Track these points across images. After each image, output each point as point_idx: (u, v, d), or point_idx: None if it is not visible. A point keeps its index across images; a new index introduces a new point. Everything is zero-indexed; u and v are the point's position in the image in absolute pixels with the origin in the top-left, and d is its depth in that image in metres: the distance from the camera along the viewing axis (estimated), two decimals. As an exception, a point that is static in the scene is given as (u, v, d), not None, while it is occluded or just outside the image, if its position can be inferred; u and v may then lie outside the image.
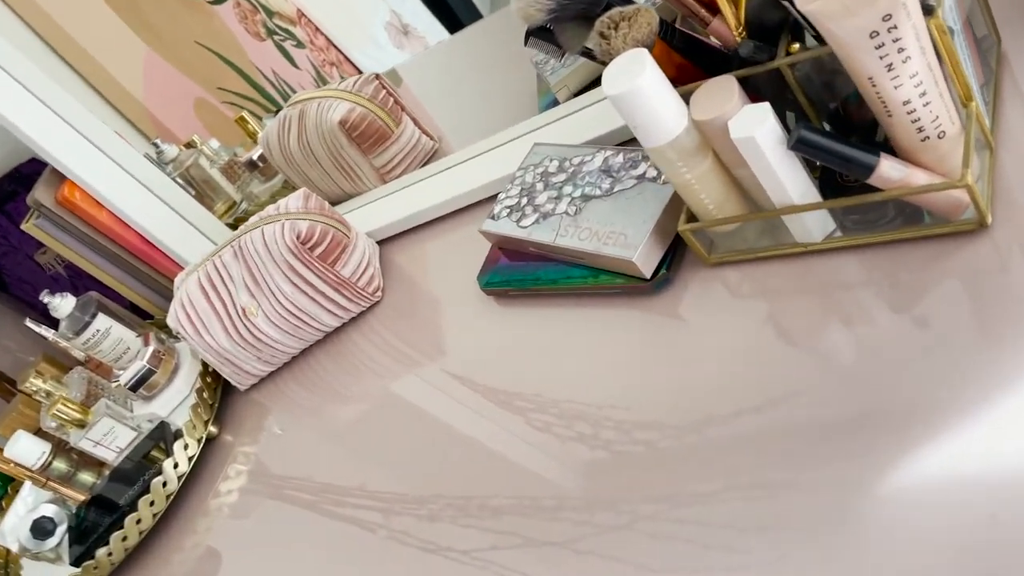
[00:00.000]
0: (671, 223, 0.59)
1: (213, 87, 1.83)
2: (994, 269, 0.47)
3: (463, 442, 0.64)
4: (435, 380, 0.72)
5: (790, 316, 0.53)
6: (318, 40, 2.05)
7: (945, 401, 0.43)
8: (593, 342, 0.62)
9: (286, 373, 0.86)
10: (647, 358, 0.58)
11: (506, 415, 0.62)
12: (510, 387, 0.64)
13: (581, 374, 0.61)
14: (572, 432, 0.57)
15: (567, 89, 0.79)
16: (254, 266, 0.79)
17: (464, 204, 0.84)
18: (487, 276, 0.71)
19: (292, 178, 1.00)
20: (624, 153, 0.65)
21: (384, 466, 0.69)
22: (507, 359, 0.67)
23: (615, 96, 0.48)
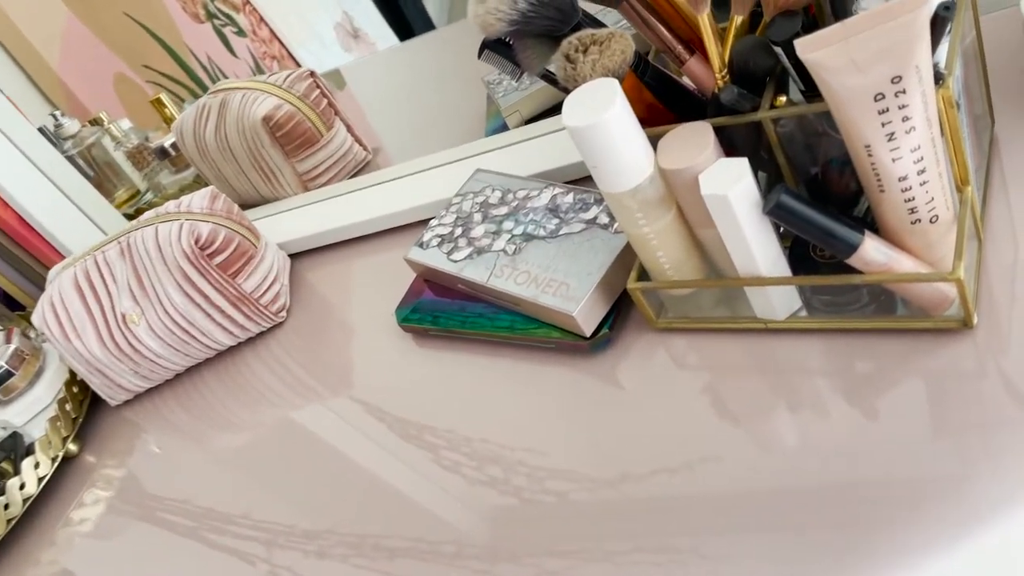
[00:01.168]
0: (619, 278, 0.53)
1: (138, 64, 1.71)
2: (970, 375, 0.42)
3: (363, 477, 0.58)
4: (337, 411, 0.65)
5: (734, 393, 0.48)
6: (261, 31, 1.94)
7: (875, 506, 0.39)
8: (517, 394, 0.55)
9: (167, 391, 0.76)
10: (573, 413, 0.52)
11: (413, 450, 0.56)
12: (420, 420, 0.58)
13: (499, 417, 0.55)
14: (482, 475, 0.51)
15: (519, 115, 0.73)
16: (142, 268, 0.69)
17: (392, 225, 0.76)
18: (406, 310, 0.63)
19: (204, 173, 0.90)
20: (575, 193, 0.58)
21: (273, 495, 0.61)
22: (420, 396, 0.60)
23: (576, 129, 0.42)
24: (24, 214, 0.82)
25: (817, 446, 0.43)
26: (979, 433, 0.39)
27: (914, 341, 0.44)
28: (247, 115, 0.80)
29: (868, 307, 0.45)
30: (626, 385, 0.53)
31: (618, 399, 0.52)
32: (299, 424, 0.67)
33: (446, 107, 0.92)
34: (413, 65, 1.14)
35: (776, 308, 0.46)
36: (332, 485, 0.58)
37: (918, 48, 0.35)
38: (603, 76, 0.43)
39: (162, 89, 1.70)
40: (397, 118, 0.98)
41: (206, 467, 0.68)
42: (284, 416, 0.67)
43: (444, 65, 1.05)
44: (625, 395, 0.52)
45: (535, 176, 0.64)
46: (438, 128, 0.89)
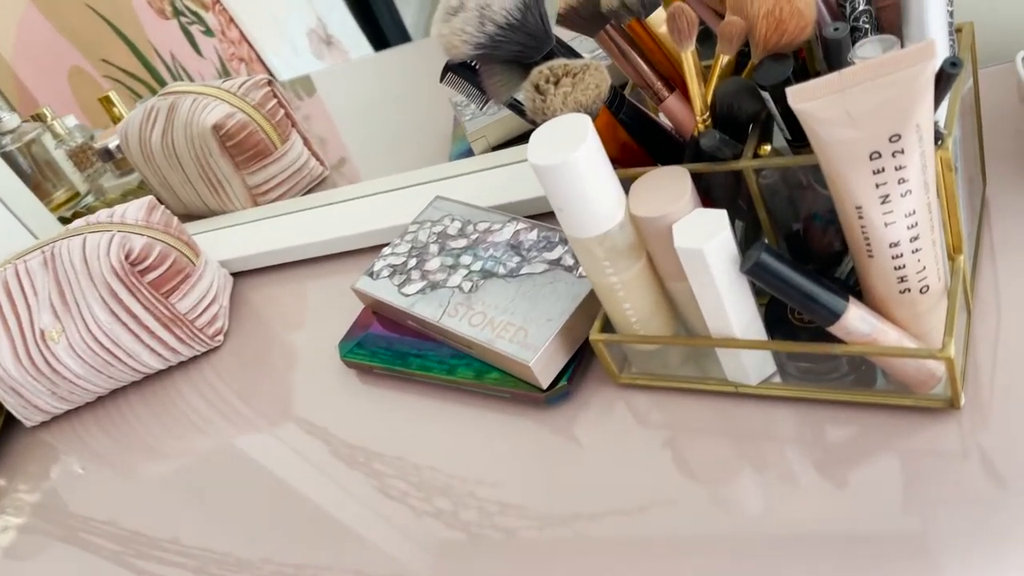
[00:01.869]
0: (581, 327, 0.49)
1: (96, 58, 1.64)
2: (951, 455, 0.39)
3: (302, 506, 0.54)
4: (274, 441, 0.60)
5: (697, 454, 0.44)
6: (231, 32, 1.88)
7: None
8: (466, 440, 0.51)
9: (87, 414, 0.70)
10: (527, 459, 0.48)
11: (356, 480, 0.53)
12: (364, 452, 0.54)
13: (445, 458, 0.51)
14: (430, 506, 0.48)
15: (485, 140, 0.69)
16: (65, 281, 0.63)
17: (344, 249, 0.71)
18: (351, 344, 0.58)
19: (148, 178, 0.85)
20: (539, 229, 0.55)
21: (205, 521, 0.57)
22: (363, 432, 0.56)
23: (542, 167, 0.38)
24: (-55, 213, 0.76)
25: (780, 512, 0.39)
26: (953, 514, 0.36)
27: (893, 416, 0.40)
28: (196, 122, 0.75)
29: (847, 377, 0.42)
30: (583, 440, 0.49)
31: (574, 453, 0.48)
32: (233, 453, 0.61)
33: (413, 125, 0.87)
34: (385, 77, 1.10)
35: (749, 372, 0.43)
36: (270, 513, 0.54)
37: (920, 105, 0.32)
38: (575, 111, 0.39)
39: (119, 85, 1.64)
40: (365, 131, 0.94)
41: (131, 490, 0.63)
42: (216, 445, 0.62)
43: (416, 80, 1.00)
44: (582, 450, 0.48)
45: (498, 208, 0.60)
46: (403, 146, 0.85)
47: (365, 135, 0.93)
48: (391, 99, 0.97)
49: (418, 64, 1.07)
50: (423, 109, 0.87)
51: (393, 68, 1.14)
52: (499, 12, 0.38)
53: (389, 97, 0.98)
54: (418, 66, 1.05)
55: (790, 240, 0.44)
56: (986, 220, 0.46)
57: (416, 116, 0.89)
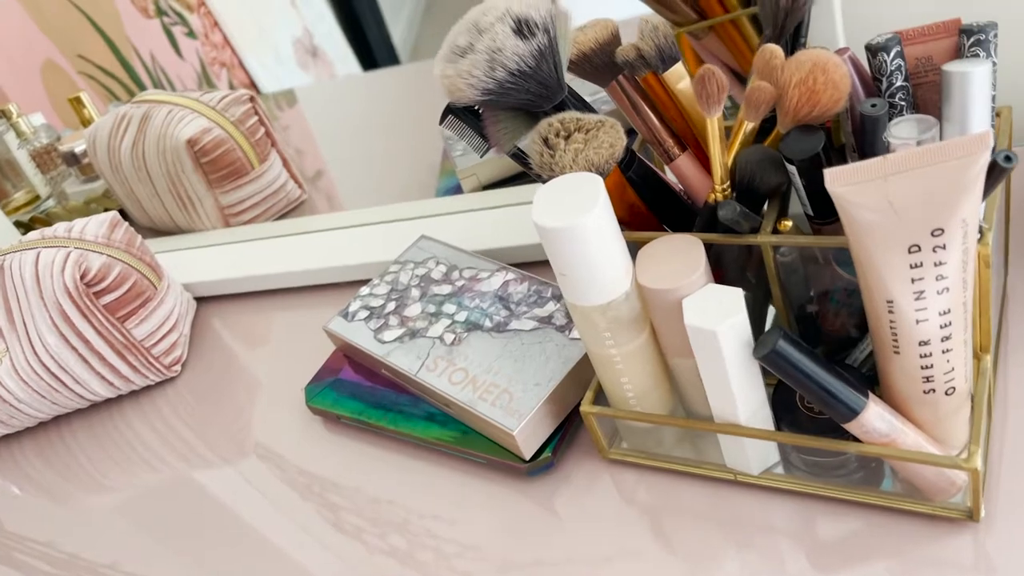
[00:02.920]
0: (571, 394, 0.45)
1: (72, 52, 1.58)
2: (961, 570, 0.36)
3: (252, 540, 0.50)
4: (225, 478, 0.56)
5: (683, 537, 0.41)
6: (214, 35, 1.84)
7: None
8: (436, 499, 0.47)
9: (27, 440, 0.65)
10: (497, 526, 0.44)
11: (312, 517, 0.50)
12: (327, 492, 0.50)
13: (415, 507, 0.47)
14: (384, 544, 0.46)
15: (475, 179, 0.65)
16: (14, 298, 0.58)
17: (319, 282, 0.67)
18: (319, 389, 0.54)
19: (113, 188, 0.80)
20: (530, 282, 0.51)
21: (147, 549, 0.53)
22: (325, 476, 0.52)
23: (547, 229, 0.34)
24: None
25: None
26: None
27: (901, 520, 0.38)
28: (170, 134, 0.71)
29: (854, 474, 0.39)
30: (562, 513, 0.45)
31: (550, 523, 0.44)
32: (181, 487, 0.57)
33: (399, 153, 0.84)
34: (373, 99, 1.06)
35: (751, 460, 0.40)
36: (217, 546, 0.51)
37: (968, 199, 0.29)
38: (585, 170, 0.36)
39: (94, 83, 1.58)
40: (348, 154, 0.90)
41: (70, 517, 0.58)
42: (163, 479, 0.58)
43: (405, 106, 0.97)
44: (559, 523, 0.44)
45: (486, 253, 0.56)
46: (387, 175, 0.81)
47: (348, 158, 0.89)
48: (378, 123, 0.94)
49: (408, 89, 1.04)
50: (411, 137, 0.84)
51: (382, 90, 1.10)
52: (511, 58, 0.35)
53: (376, 121, 0.95)
54: (408, 91, 1.02)
55: (800, 320, 0.41)
56: (1007, 314, 0.43)
57: (403, 144, 0.85)
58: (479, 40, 0.36)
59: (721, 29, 0.51)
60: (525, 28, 0.35)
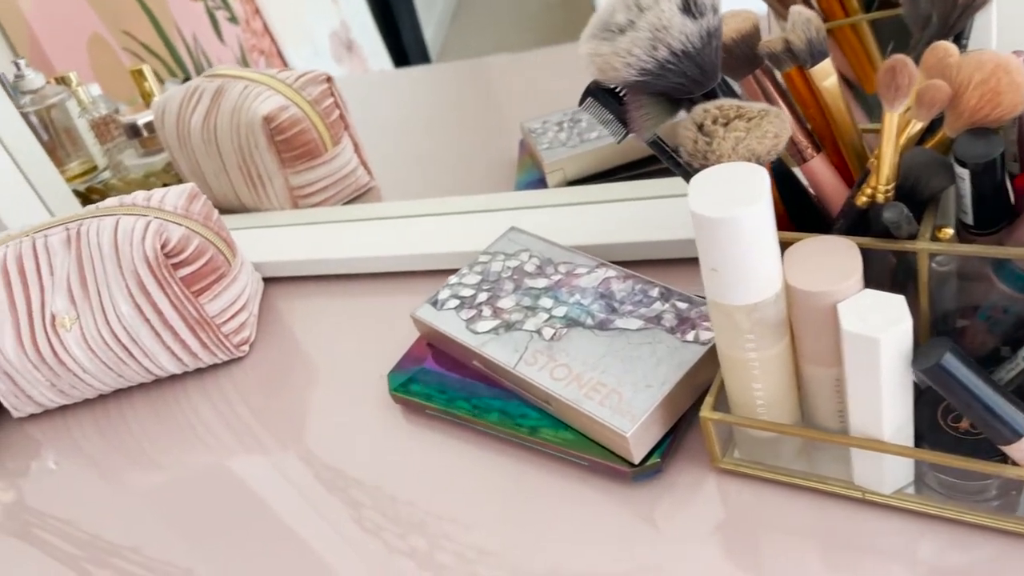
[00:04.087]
0: (683, 398, 0.43)
1: (117, 28, 1.57)
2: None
3: (282, 535, 0.49)
4: (278, 467, 0.54)
5: (794, 556, 0.39)
6: (255, 23, 1.83)
7: None
8: (522, 507, 0.45)
9: (84, 412, 0.63)
10: (591, 533, 0.42)
11: (336, 506, 0.49)
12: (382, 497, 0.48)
13: (491, 525, 0.45)
14: (404, 544, 0.45)
15: (562, 173, 0.64)
16: (89, 265, 0.57)
17: (392, 269, 0.65)
18: (402, 377, 0.53)
19: (178, 162, 0.79)
20: (633, 281, 0.49)
21: (172, 534, 0.51)
22: (394, 475, 0.50)
23: (708, 219, 0.32)
24: (-44, 170, 0.69)
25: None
26: None
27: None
28: (246, 109, 0.69)
29: (993, 500, 0.37)
30: (661, 523, 0.43)
31: (646, 534, 0.42)
32: (229, 473, 0.55)
33: (472, 146, 0.83)
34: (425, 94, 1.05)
35: (884, 478, 0.38)
36: (244, 537, 0.49)
37: None
38: (745, 159, 0.34)
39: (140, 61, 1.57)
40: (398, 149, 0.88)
41: (105, 495, 0.56)
42: (215, 462, 0.56)
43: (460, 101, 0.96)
44: (656, 533, 0.42)
45: (577, 249, 0.54)
46: (461, 168, 0.79)
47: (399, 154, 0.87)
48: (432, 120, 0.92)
49: (451, 87, 1.02)
50: (485, 131, 0.82)
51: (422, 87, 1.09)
52: (678, 37, 0.33)
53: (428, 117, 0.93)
54: (451, 89, 1.01)
55: (938, 331, 0.39)
56: None
57: (475, 138, 0.84)
58: (641, 17, 0.34)
59: (840, 33, 0.49)
60: (693, 6, 0.33)
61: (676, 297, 0.47)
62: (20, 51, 1.36)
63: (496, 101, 0.93)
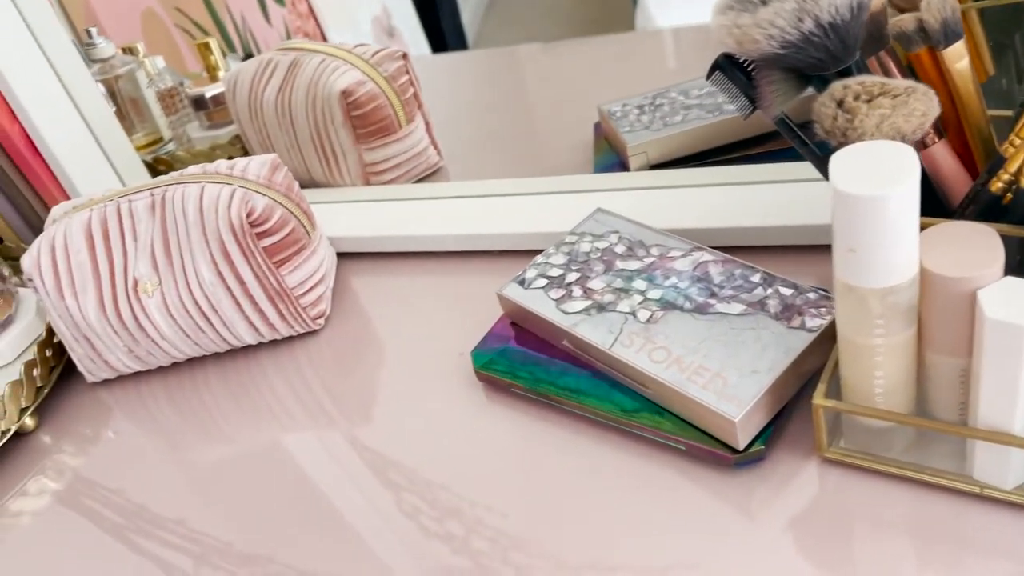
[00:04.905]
0: (790, 386, 0.42)
1: (171, 5, 1.58)
2: None
3: (330, 516, 0.48)
4: (342, 444, 0.53)
5: (890, 557, 0.38)
6: (300, 5, 1.83)
7: None
8: (607, 491, 0.45)
9: (156, 379, 0.63)
10: (688, 522, 0.41)
11: (379, 489, 0.49)
12: (446, 482, 0.46)
13: (589, 491, 0.44)
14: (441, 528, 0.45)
15: (645, 156, 0.63)
16: (173, 231, 0.57)
17: (467, 248, 0.65)
18: (489, 354, 0.52)
19: (247, 136, 0.79)
20: (732, 265, 0.48)
21: (216, 508, 0.51)
22: (466, 460, 0.49)
23: (851, 197, 0.32)
24: (34, 134, 0.69)
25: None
26: None
27: None
28: (324, 84, 0.69)
29: (1124, 499, 0.36)
30: (757, 514, 0.42)
31: (740, 524, 0.41)
32: (291, 447, 0.55)
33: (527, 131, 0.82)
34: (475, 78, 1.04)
35: (1008, 474, 0.37)
36: (291, 515, 0.49)
37: None
38: (890, 138, 0.33)
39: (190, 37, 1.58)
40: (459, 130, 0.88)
41: (164, 465, 0.56)
42: (280, 436, 0.56)
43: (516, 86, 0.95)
44: (751, 524, 0.41)
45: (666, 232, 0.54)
46: (519, 152, 0.79)
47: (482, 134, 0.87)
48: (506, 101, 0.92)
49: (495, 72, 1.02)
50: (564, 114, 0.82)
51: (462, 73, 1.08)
52: (827, 9, 0.32)
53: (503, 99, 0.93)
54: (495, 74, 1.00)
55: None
56: None
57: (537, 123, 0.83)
58: (786, -12, 0.33)
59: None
60: (843, -22, 0.32)
61: (779, 283, 0.46)
62: (73, 19, 1.37)
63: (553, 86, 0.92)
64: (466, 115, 0.89)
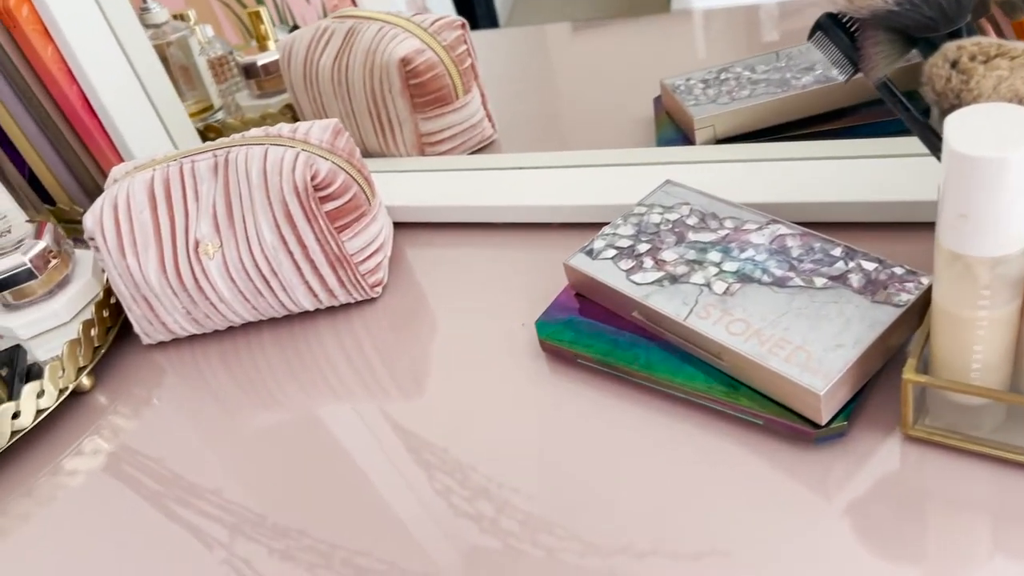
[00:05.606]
0: (875, 361, 0.41)
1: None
2: None
3: (363, 489, 0.48)
4: (389, 415, 0.53)
5: (972, 539, 0.36)
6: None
7: None
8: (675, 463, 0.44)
9: (211, 343, 0.63)
10: (755, 502, 0.40)
11: (413, 467, 0.48)
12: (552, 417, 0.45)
13: (655, 467, 0.42)
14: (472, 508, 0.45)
15: (712, 130, 0.61)
16: (236, 192, 0.56)
17: (525, 220, 0.64)
18: (553, 325, 0.51)
19: (301, 104, 0.78)
20: (811, 238, 0.47)
21: (252, 479, 0.51)
22: (536, 423, 0.48)
23: (969, 158, 0.30)
24: (93, 97, 0.69)
25: None
26: None
27: None
28: (382, 51, 0.68)
29: None
30: (833, 494, 0.41)
31: (816, 507, 0.40)
32: (340, 417, 0.54)
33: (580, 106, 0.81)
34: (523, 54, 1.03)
35: (1110, 455, 0.35)
36: (320, 485, 0.49)
37: None
38: (1009, 100, 0.32)
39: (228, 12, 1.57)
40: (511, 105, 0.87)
41: (207, 430, 0.56)
42: (330, 405, 0.55)
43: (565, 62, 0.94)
44: (826, 504, 0.40)
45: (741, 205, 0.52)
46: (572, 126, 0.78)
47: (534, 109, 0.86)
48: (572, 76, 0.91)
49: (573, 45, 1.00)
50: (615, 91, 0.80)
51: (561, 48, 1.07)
52: (947, -37, 0.31)
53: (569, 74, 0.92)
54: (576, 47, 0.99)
55: None
56: None
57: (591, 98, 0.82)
58: (903, -58, 0.32)
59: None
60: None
61: (861, 257, 0.45)
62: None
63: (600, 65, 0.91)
64: (516, 91, 0.88)
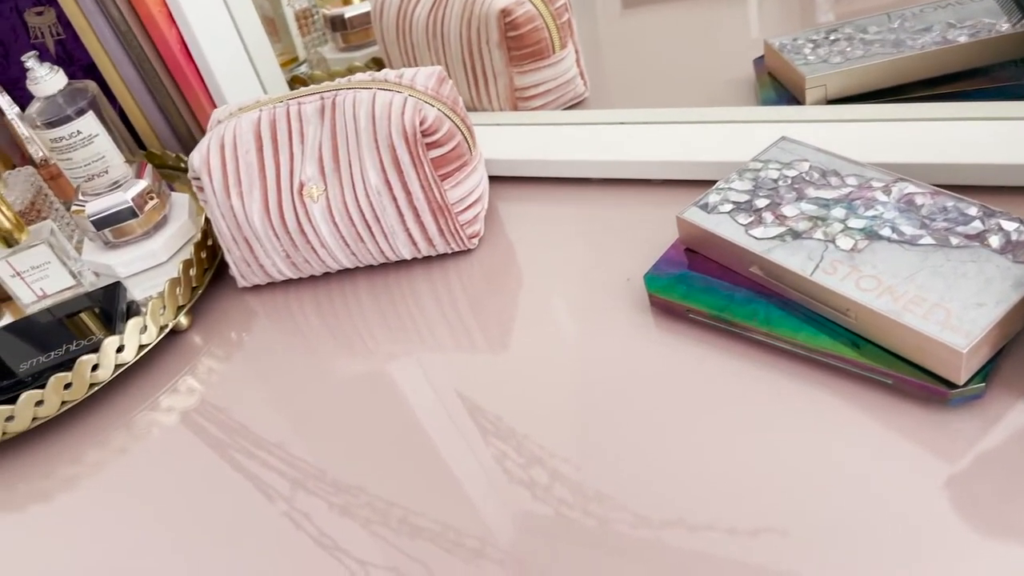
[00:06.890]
0: (1017, 321, 0.40)
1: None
2: None
3: (425, 448, 0.48)
4: (472, 369, 0.52)
5: None
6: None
7: None
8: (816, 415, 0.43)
9: (305, 288, 0.63)
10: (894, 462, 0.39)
11: (474, 433, 0.48)
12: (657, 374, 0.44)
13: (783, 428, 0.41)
14: (525, 475, 0.44)
15: (823, 90, 0.60)
16: (343, 135, 0.56)
17: (622, 175, 0.63)
18: (663, 279, 0.50)
19: (391, 56, 0.77)
20: (943, 197, 0.46)
21: (317, 434, 0.52)
22: (646, 380, 0.47)
23: None
24: (190, 39, 0.69)
25: None
26: None
27: None
28: (482, 2, 0.67)
29: None
30: (958, 459, 0.40)
31: (937, 469, 0.39)
32: (417, 369, 0.54)
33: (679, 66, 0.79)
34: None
35: None
36: (384, 444, 0.49)
37: None
38: None
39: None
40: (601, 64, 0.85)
41: (267, 380, 0.57)
42: (418, 356, 0.55)
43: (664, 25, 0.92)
44: (947, 467, 0.39)
45: (860, 165, 0.51)
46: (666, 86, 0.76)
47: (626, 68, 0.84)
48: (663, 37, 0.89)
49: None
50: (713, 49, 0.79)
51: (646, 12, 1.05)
52: None
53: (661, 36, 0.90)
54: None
55: None
56: None
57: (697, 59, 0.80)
58: None
59: None
60: None
61: (999, 216, 0.43)
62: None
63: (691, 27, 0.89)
64: (606, 51, 0.87)
